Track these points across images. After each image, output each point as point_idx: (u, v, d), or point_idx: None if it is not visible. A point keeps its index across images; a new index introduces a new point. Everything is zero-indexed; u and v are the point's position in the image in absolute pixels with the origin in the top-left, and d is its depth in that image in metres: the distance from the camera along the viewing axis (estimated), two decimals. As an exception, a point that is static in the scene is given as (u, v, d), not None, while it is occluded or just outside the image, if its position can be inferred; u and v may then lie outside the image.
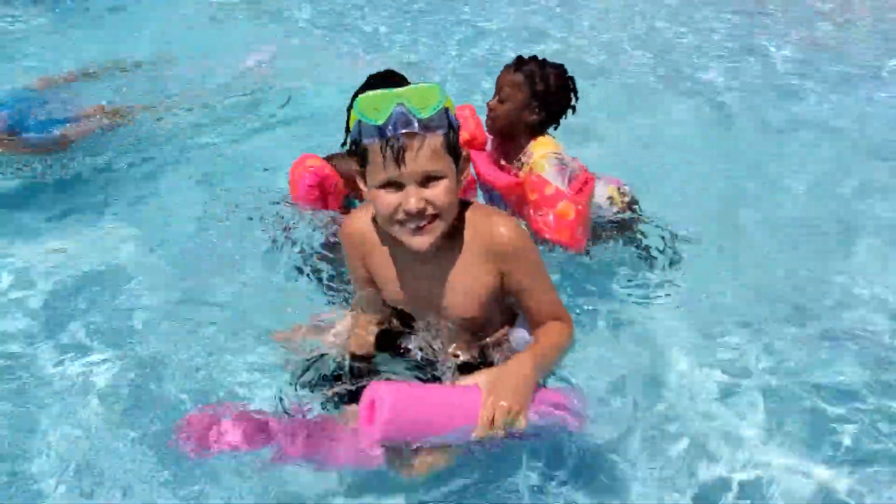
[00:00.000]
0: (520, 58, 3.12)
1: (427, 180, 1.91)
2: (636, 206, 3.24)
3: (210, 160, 4.26)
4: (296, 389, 2.21)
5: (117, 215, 3.72)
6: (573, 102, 3.11)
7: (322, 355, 2.25)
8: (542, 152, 2.99)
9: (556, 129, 3.15)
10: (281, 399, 2.19)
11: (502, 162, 3.18)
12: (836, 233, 3.53)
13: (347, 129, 2.08)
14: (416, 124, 1.86)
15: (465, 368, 2.12)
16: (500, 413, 1.79)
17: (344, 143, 2.68)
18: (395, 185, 1.92)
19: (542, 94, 3.02)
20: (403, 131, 1.86)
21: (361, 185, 2.06)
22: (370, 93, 1.93)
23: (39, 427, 2.42)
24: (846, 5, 6.94)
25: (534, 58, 3.12)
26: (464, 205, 2.08)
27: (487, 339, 2.22)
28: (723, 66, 5.71)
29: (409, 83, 2.26)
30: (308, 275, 2.94)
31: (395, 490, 2.17)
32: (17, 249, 3.37)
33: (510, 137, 3.13)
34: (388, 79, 2.78)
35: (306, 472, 2.15)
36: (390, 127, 1.86)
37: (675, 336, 2.81)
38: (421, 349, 2.21)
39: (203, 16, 6.70)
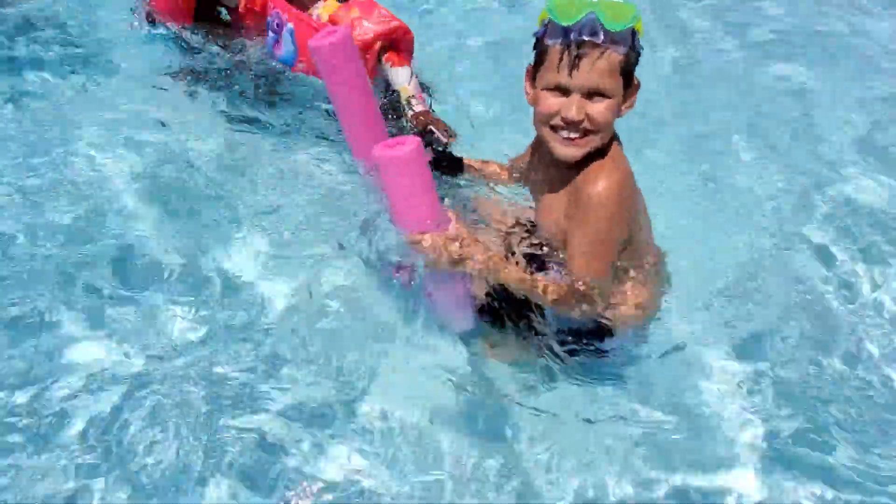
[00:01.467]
0: None
1: (593, 94, 1.94)
2: None
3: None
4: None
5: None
6: None
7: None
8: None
9: None
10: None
11: None
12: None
13: None
14: (602, 35, 1.88)
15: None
16: (419, 246, 1.91)
17: None
18: (563, 90, 1.95)
19: None
20: (587, 38, 1.88)
21: (527, 86, 2.10)
22: None
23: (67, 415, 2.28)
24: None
25: None
26: (611, 147, 2.08)
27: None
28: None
29: None
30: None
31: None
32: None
33: None
34: None
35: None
36: (576, 31, 1.88)
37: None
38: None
39: None
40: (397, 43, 3.22)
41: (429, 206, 1.96)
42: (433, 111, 3.25)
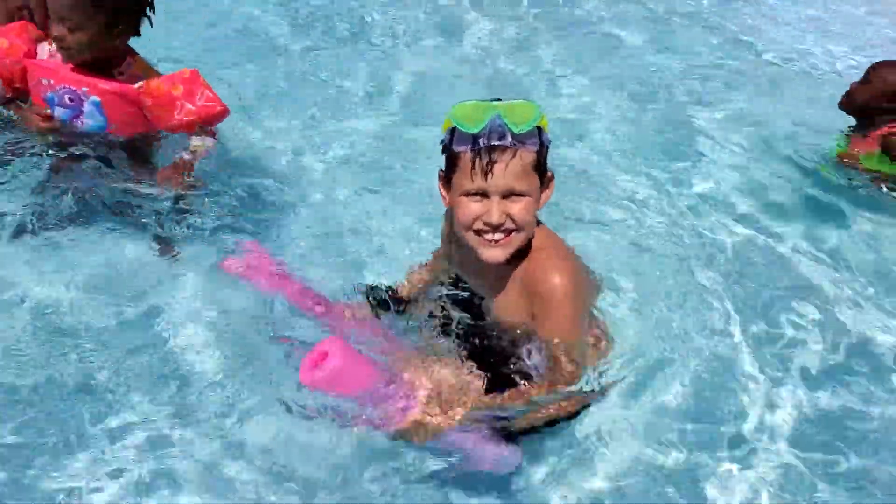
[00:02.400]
0: None
1: (511, 195, 1.94)
2: None
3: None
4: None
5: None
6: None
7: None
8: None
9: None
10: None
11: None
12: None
13: None
14: (510, 138, 1.89)
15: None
16: (409, 436, 1.93)
17: None
18: (481, 194, 1.95)
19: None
20: (497, 143, 1.89)
21: (443, 191, 2.10)
22: (468, 102, 1.99)
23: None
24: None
25: None
26: (538, 232, 2.09)
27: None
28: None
29: None
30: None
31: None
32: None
33: None
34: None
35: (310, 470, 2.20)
36: (484, 137, 1.89)
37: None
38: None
39: None
40: (212, 121, 3.05)
41: (383, 396, 1.93)
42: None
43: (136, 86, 2.92)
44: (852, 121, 3.87)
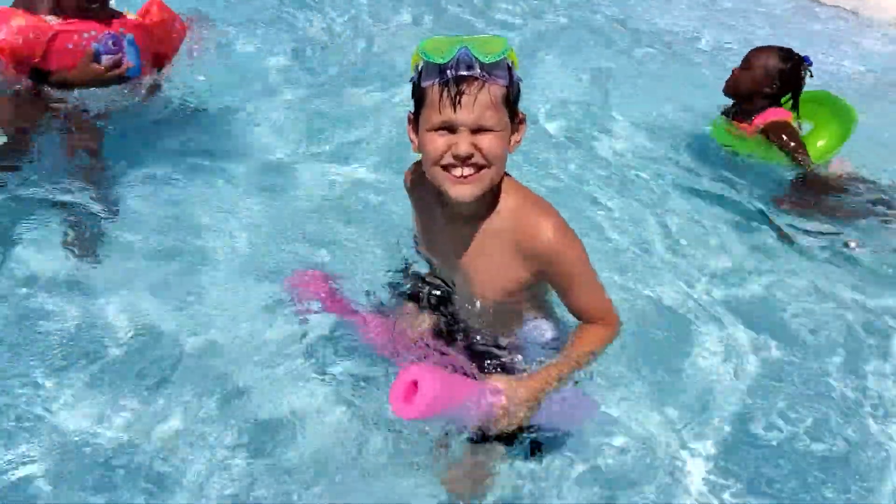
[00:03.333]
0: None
1: (480, 130, 1.90)
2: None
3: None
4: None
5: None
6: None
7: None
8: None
9: None
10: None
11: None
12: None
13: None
14: (478, 69, 1.85)
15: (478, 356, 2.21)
16: (506, 425, 1.93)
17: None
18: (448, 128, 1.90)
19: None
20: (465, 73, 1.85)
21: (411, 135, 2.05)
22: (436, 36, 1.96)
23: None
24: None
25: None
26: (505, 182, 2.06)
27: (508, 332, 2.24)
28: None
29: None
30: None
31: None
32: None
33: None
34: None
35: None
36: (452, 68, 1.86)
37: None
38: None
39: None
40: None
41: (474, 405, 1.93)
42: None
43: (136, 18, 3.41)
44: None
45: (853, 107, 3.78)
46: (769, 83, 3.75)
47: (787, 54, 3.78)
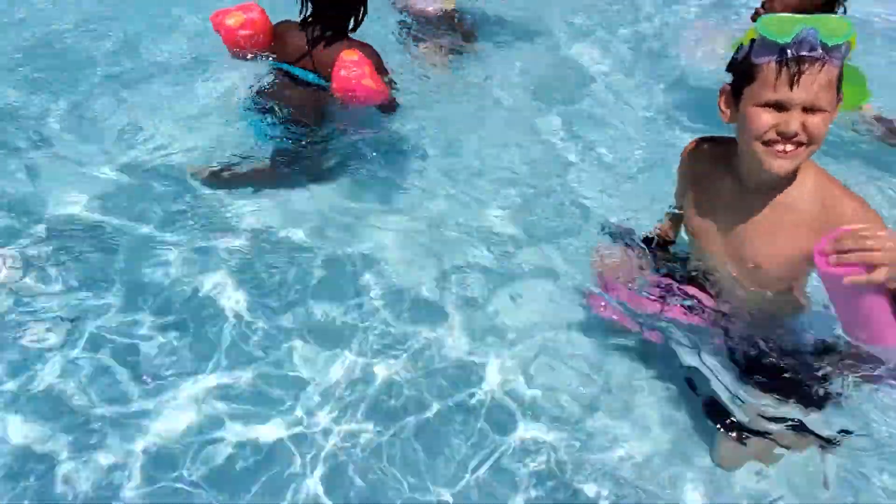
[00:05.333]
0: None
1: (811, 109, 1.93)
2: None
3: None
4: None
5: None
6: None
7: None
8: None
9: None
10: None
11: None
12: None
13: None
14: (820, 50, 1.88)
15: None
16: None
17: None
18: (780, 106, 1.94)
19: None
20: (806, 54, 1.88)
21: (723, 107, 2.10)
22: (776, 14, 2.00)
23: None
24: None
25: None
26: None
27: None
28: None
29: None
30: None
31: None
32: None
33: None
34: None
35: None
36: (793, 48, 1.88)
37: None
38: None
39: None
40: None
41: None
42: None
43: None
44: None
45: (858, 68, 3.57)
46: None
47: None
